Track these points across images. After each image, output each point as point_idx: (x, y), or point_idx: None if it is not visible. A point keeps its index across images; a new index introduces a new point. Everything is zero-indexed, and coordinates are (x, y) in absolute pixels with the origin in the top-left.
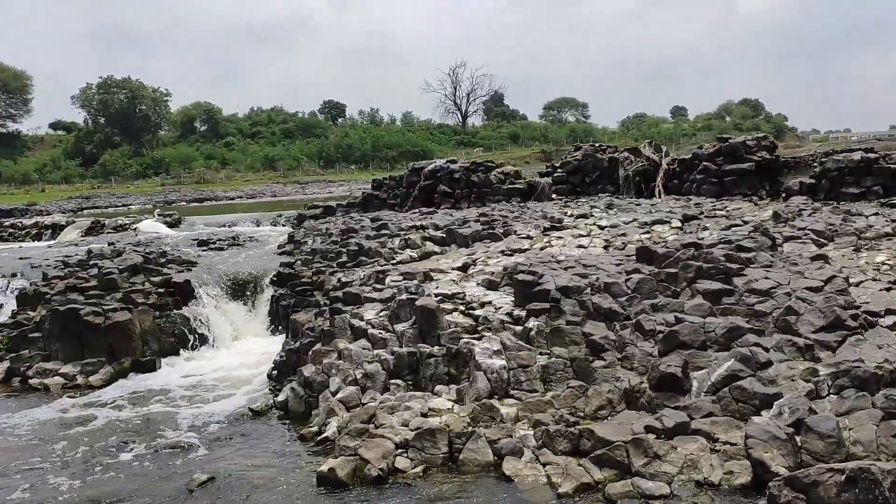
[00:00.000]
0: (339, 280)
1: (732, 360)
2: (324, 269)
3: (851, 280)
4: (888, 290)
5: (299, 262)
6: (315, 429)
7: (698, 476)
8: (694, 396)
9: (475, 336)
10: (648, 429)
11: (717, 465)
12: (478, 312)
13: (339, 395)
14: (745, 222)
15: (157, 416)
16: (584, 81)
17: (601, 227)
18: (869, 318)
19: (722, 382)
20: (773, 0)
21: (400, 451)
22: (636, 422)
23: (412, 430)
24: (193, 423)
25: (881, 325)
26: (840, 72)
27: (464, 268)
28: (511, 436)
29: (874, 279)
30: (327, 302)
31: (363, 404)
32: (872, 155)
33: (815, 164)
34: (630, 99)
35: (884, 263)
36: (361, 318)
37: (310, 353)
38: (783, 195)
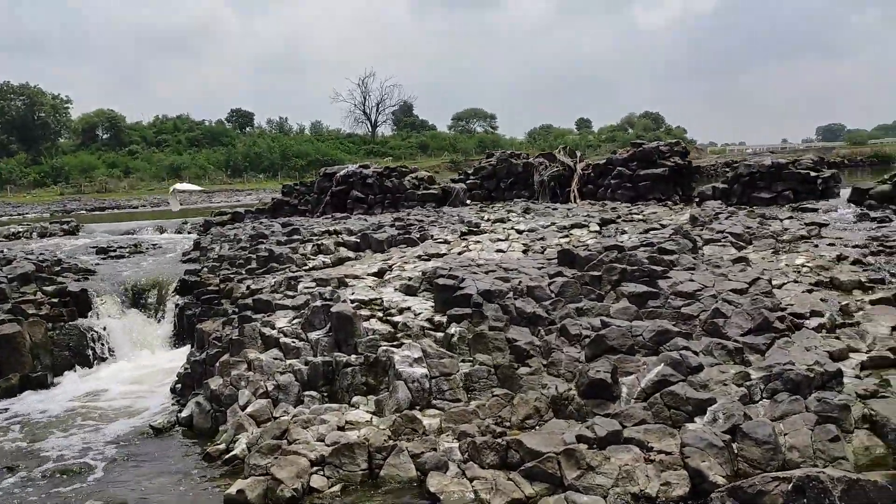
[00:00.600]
0: (248, 287)
1: (662, 364)
2: (232, 276)
3: (774, 282)
4: (810, 291)
5: (206, 269)
6: (222, 446)
7: (634, 488)
8: (624, 403)
9: (394, 343)
10: (580, 438)
11: (653, 475)
12: (397, 319)
13: (248, 409)
14: (663, 226)
15: (47, 437)
16: (493, 93)
17: (519, 232)
18: (795, 319)
19: (653, 388)
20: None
21: (316, 468)
22: (567, 431)
23: (328, 446)
24: (88, 443)
25: (807, 327)
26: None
27: (380, 273)
28: (435, 449)
29: (796, 281)
30: (236, 310)
31: (275, 418)
32: (783, 160)
33: (723, 171)
34: (537, 111)
35: (803, 265)
36: (273, 327)
37: (217, 364)
38: (697, 199)
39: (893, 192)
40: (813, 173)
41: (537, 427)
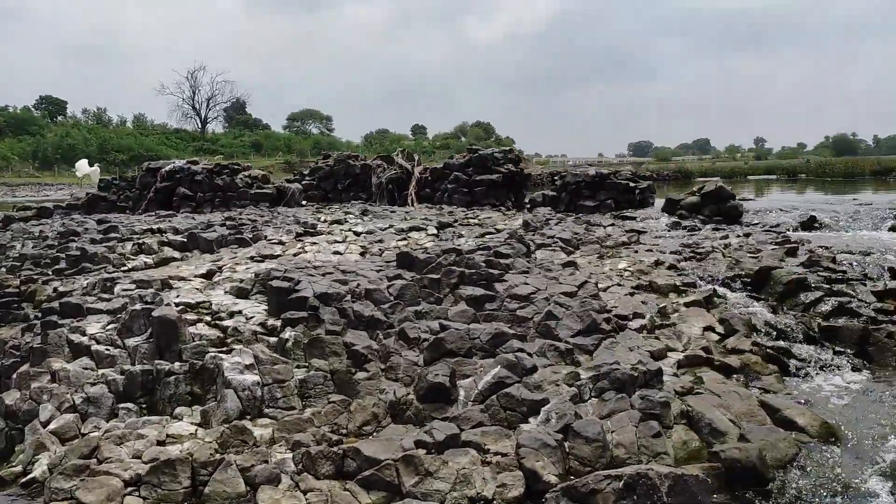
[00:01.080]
0: (55, 289)
1: (499, 366)
2: (36, 276)
3: (600, 285)
4: (632, 294)
5: (4, 269)
6: (18, 468)
7: (471, 492)
8: (462, 406)
9: (224, 349)
10: (419, 444)
11: (489, 478)
12: (226, 323)
13: (51, 426)
14: (498, 230)
15: None
16: (329, 95)
17: (357, 234)
18: (619, 321)
19: (489, 390)
20: (501, 35)
21: (130, 489)
22: (405, 437)
23: (146, 463)
24: None
25: (630, 328)
26: (558, 103)
27: (208, 275)
28: (267, 461)
29: (619, 284)
30: (39, 315)
31: (83, 435)
32: (605, 171)
33: (549, 180)
34: (373, 115)
35: (626, 270)
36: (83, 333)
37: (14, 376)
38: (528, 206)
39: (701, 203)
40: (632, 184)
41: (375, 434)
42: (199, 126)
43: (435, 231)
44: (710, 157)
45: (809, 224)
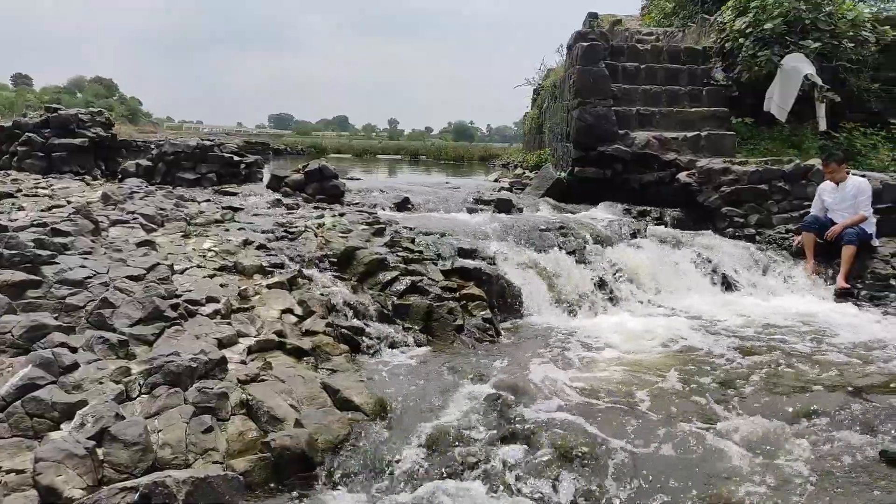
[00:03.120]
0: None
1: (31, 365)
2: None
3: (177, 267)
4: (212, 276)
5: None
6: None
7: None
8: None
9: None
10: None
11: None
12: None
13: None
14: (70, 203)
15: None
16: None
17: None
18: (190, 306)
19: (16, 394)
20: None
21: None
22: None
23: None
24: None
25: (201, 314)
26: (199, 69)
27: None
28: None
29: (199, 266)
30: None
31: None
32: (208, 142)
33: (154, 147)
34: None
35: (210, 250)
36: None
37: None
38: (120, 176)
39: (305, 181)
40: (237, 158)
41: None
42: None
43: None
44: (348, 134)
45: (403, 205)
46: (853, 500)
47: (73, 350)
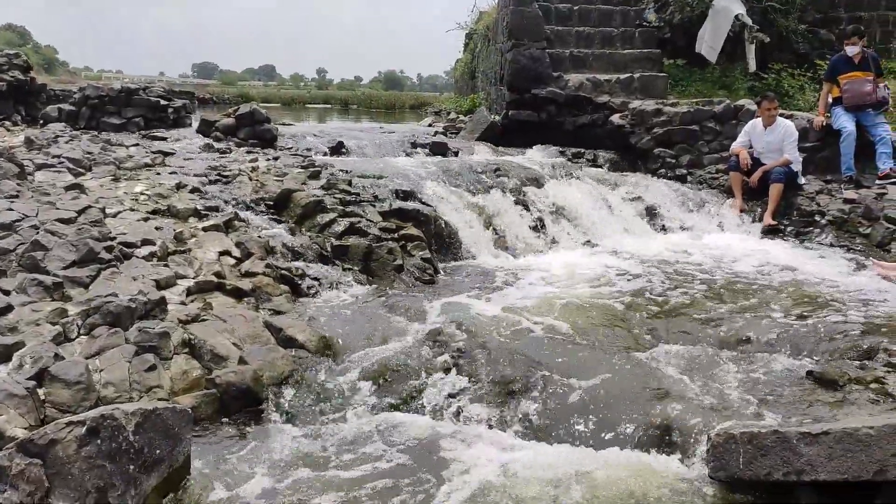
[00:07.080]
0: None
1: None
2: None
3: (109, 211)
4: (146, 220)
5: None
6: None
7: None
8: None
9: None
10: None
11: None
12: None
13: None
14: None
15: None
16: None
17: None
18: (125, 249)
19: None
20: None
21: None
22: None
23: None
24: None
25: (137, 256)
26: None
27: None
28: None
29: (132, 209)
30: None
31: None
32: (133, 86)
33: (76, 92)
34: None
35: (142, 193)
36: None
37: None
38: (41, 122)
39: (236, 125)
40: (164, 101)
41: None
42: None
43: None
44: (276, 84)
45: (337, 149)
46: (785, 414)
47: (6, 293)
